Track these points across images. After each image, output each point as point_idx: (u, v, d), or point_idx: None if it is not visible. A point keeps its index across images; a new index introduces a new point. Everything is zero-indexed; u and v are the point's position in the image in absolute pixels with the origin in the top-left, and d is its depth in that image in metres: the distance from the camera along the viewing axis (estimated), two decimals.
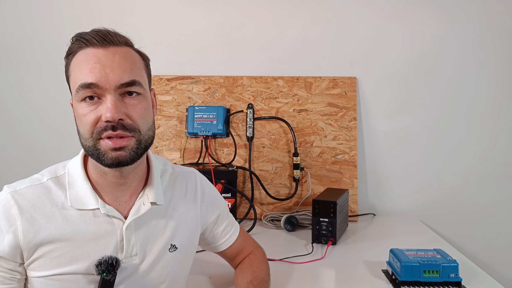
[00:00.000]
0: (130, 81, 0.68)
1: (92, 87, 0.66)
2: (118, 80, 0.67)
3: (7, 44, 1.68)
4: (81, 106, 0.68)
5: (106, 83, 0.66)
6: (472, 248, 1.60)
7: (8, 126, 1.71)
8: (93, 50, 0.68)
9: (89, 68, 0.67)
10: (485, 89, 1.59)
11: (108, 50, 0.68)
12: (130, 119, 0.69)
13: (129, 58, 0.71)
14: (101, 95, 0.67)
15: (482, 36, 1.57)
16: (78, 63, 0.68)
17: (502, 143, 1.59)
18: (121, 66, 0.68)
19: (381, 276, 1.03)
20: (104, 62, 0.67)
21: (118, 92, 0.68)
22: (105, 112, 0.66)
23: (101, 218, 0.72)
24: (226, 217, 0.93)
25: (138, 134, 0.70)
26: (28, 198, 0.70)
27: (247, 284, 0.86)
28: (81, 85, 0.67)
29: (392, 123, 1.62)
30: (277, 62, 1.63)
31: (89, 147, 0.69)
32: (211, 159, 1.56)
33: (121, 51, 0.70)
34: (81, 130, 0.69)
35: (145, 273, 0.76)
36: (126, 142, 0.68)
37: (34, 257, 0.69)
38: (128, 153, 0.69)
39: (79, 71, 0.68)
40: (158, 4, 1.65)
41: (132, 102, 0.69)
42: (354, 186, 1.54)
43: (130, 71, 0.69)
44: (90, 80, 0.66)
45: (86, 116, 0.67)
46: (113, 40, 0.70)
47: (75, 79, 0.68)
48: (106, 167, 0.69)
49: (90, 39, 0.68)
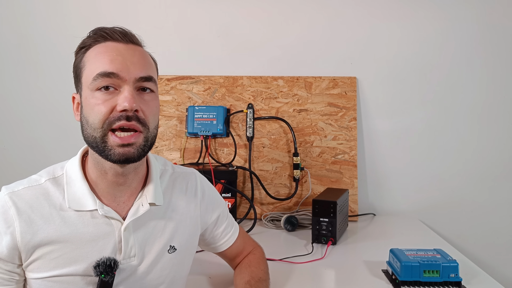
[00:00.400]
0: (148, 76, 0.71)
1: (111, 76, 0.67)
2: (138, 73, 0.69)
3: (7, 44, 1.68)
4: (95, 96, 0.68)
5: (127, 74, 0.68)
6: (472, 248, 1.60)
7: (9, 126, 1.71)
8: (114, 43, 0.70)
9: (110, 59, 0.68)
10: (484, 88, 1.59)
11: (128, 46, 0.71)
12: (143, 114, 0.70)
13: (147, 57, 0.74)
14: (118, 86, 0.68)
15: (481, 36, 1.57)
16: (97, 53, 0.69)
17: (501, 142, 1.59)
18: (140, 62, 0.71)
19: (381, 276, 1.03)
20: (125, 55, 0.69)
21: (135, 86, 0.69)
22: (122, 101, 0.67)
23: (99, 219, 0.72)
24: (226, 217, 0.93)
25: (147, 131, 0.70)
26: (26, 199, 0.70)
27: (245, 284, 0.86)
28: (100, 73, 0.67)
29: (392, 123, 1.62)
30: (277, 62, 1.63)
31: (96, 138, 0.68)
32: (211, 159, 1.56)
33: (140, 50, 0.73)
34: (90, 120, 0.68)
35: (143, 274, 0.76)
36: (135, 139, 0.69)
37: (32, 258, 0.69)
38: (136, 150, 0.69)
39: (98, 60, 0.68)
40: (158, 4, 1.65)
41: (146, 97, 0.71)
42: (354, 186, 1.54)
43: (148, 67, 0.72)
44: (111, 69, 0.67)
45: (99, 105, 0.67)
46: (132, 39, 0.73)
47: (92, 69, 0.68)
48: (112, 163, 0.69)
49: (112, 33, 0.71)
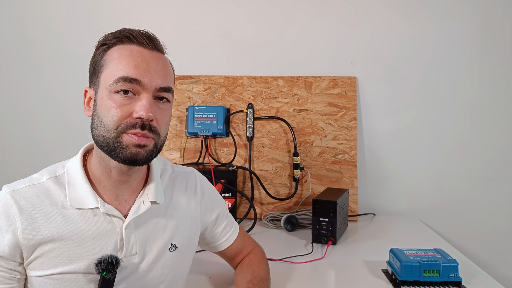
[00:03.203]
0: (168, 87, 0.72)
1: (133, 82, 0.68)
2: (159, 83, 0.70)
3: (7, 44, 1.68)
4: (113, 98, 0.68)
5: (149, 82, 0.69)
6: (472, 248, 1.60)
7: (9, 126, 1.71)
8: (140, 48, 0.70)
9: (135, 64, 0.68)
10: (484, 88, 1.59)
11: (153, 53, 0.72)
12: (157, 122, 0.70)
13: (169, 67, 0.75)
14: (137, 92, 0.69)
15: (481, 36, 1.58)
16: (121, 55, 0.69)
17: (501, 142, 1.59)
18: (163, 71, 0.72)
19: (381, 276, 1.03)
20: (150, 62, 0.70)
21: (153, 94, 0.70)
22: (140, 109, 0.67)
23: (101, 217, 0.72)
24: (225, 217, 0.94)
25: (158, 138, 0.71)
26: (28, 198, 0.70)
27: (247, 283, 0.86)
28: (123, 77, 0.67)
29: (392, 123, 1.62)
30: (277, 62, 1.63)
31: (108, 138, 0.68)
32: (211, 159, 1.56)
33: (163, 58, 0.74)
34: (104, 120, 0.68)
35: (145, 272, 0.76)
36: (148, 142, 0.70)
37: (34, 256, 0.69)
38: (145, 153, 0.70)
39: (121, 63, 0.68)
40: (158, 4, 1.65)
41: (162, 106, 0.72)
42: (354, 186, 1.54)
43: (168, 78, 0.73)
44: (134, 75, 0.68)
45: (116, 108, 0.68)
46: (157, 46, 0.73)
47: (114, 71, 0.68)
48: (121, 162, 0.69)
49: (138, 36, 0.70)
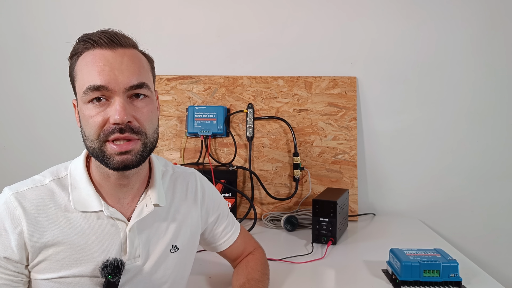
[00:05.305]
0: (138, 83, 0.68)
1: (101, 89, 0.66)
2: (127, 83, 0.67)
3: (7, 44, 1.68)
4: (88, 108, 0.67)
5: (116, 85, 0.66)
6: (472, 248, 1.60)
7: (9, 126, 1.71)
8: (101, 51, 0.67)
9: (98, 70, 0.66)
10: (484, 88, 1.59)
11: (116, 51, 0.68)
12: (138, 122, 0.68)
13: (137, 60, 0.70)
14: (109, 97, 0.67)
15: (481, 36, 1.57)
16: (86, 64, 0.67)
17: (502, 142, 1.59)
18: (129, 68, 0.68)
19: (381, 276, 1.03)
20: (113, 64, 0.67)
21: (126, 95, 0.67)
22: (114, 114, 0.65)
23: (105, 220, 0.72)
24: (226, 217, 0.94)
25: (144, 137, 0.69)
26: (32, 200, 0.69)
27: (240, 287, 0.86)
28: (89, 87, 0.66)
29: (392, 123, 1.62)
30: (277, 62, 1.63)
31: (94, 149, 0.68)
32: (211, 159, 1.56)
33: (129, 53, 0.69)
34: (87, 132, 0.68)
35: (148, 274, 0.76)
36: (132, 146, 0.68)
37: (39, 259, 0.69)
38: (134, 157, 0.68)
39: (86, 72, 0.67)
40: (158, 4, 1.64)
41: (139, 104, 0.69)
42: (354, 186, 1.54)
43: (138, 73, 0.69)
44: (99, 82, 0.65)
45: (93, 118, 0.66)
46: (120, 41, 0.69)
47: (82, 81, 0.67)
48: (112, 170, 0.69)
49: (98, 40, 0.67)
